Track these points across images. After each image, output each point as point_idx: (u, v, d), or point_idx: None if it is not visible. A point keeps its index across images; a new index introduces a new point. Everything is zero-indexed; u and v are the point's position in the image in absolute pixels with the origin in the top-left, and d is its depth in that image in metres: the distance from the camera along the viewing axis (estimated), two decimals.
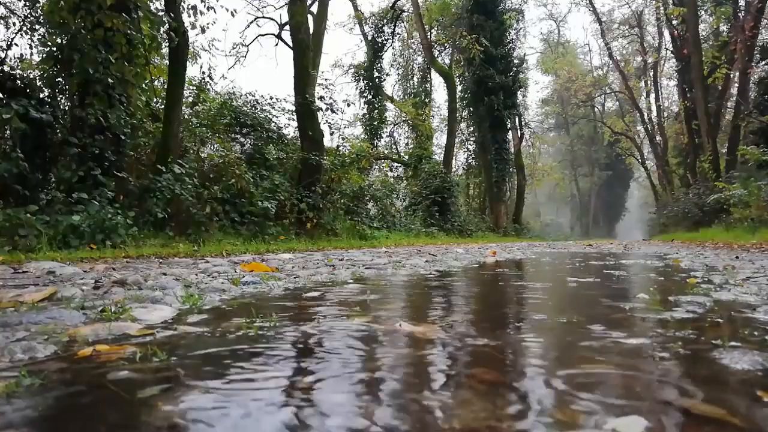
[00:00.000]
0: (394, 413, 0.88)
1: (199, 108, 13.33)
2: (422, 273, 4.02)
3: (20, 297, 2.09)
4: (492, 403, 0.92)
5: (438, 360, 1.26)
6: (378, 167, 25.25)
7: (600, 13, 36.97)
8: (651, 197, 41.42)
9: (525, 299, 2.54)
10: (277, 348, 1.36)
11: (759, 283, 2.92)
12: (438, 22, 28.42)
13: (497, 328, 1.71)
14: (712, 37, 26.47)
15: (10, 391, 0.96)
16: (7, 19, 9.19)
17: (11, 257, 4.90)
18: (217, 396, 0.94)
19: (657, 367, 1.18)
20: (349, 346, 1.38)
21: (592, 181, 55.24)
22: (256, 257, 6.24)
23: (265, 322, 1.69)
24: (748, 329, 1.60)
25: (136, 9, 8.30)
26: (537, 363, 1.22)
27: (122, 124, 8.08)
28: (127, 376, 1.07)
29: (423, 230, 18.96)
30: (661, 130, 35.11)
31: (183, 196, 8.68)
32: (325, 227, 12.44)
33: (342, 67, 31.04)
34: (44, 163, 7.77)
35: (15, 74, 7.95)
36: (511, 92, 27.68)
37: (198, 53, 14.93)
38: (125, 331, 1.52)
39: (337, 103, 14.35)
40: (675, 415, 0.88)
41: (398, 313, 2.01)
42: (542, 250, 9.89)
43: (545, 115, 55.80)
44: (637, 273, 4.34)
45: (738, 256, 5.98)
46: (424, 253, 7.66)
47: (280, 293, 2.58)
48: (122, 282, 2.79)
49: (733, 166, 19.98)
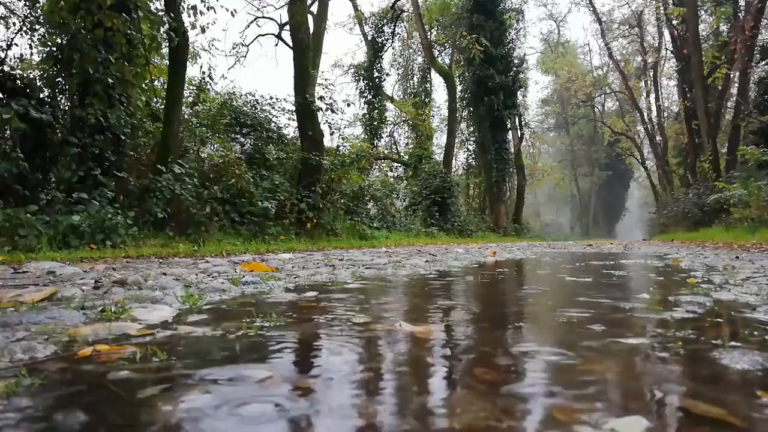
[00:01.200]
0: (394, 413, 0.88)
1: (199, 108, 13.33)
2: (422, 273, 4.02)
3: (20, 297, 2.09)
4: (492, 403, 0.92)
5: (438, 360, 1.26)
6: (378, 167, 25.26)
7: (600, 13, 37.02)
8: (651, 197, 41.43)
9: (525, 299, 2.54)
10: (276, 348, 1.36)
11: (759, 283, 2.92)
12: (438, 22, 28.42)
13: (497, 328, 1.71)
14: (712, 37, 26.48)
15: (10, 391, 0.96)
16: (7, 19, 9.20)
17: (11, 257, 4.90)
18: (217, 396, 0.94)
19: (657, 366, 1.18)
20: (349, 346, 1.38)
21: (592, 181, 55.23)
22: (256, 257, 6.24)
23: (265, 322, 1.69)
24: (748, 329, 1.60)
25: (136, 9, 8.30)
26: (537, 363, 1.22)
27: (122, 124, 8.08)
28: (127, 376, 1.07)
29: (423, 230, 18.96)
30: (661, 130, 35.12)
31: (183, 196, 8.68)
32: (325, 227, 12.45)
33: (342, 67, 31.10)
34: (44, 163, 7.77)
35: (15, 74, 7.95)
36: (511, 92, 27.69)
37: (198, 53, 14.95)
38: (125, 331, 1.52)
39: (337, 103, 14.36)
40: (675, 414, 0.88)
41: (398, 313, 2.01)
42: (542, 250, 9.89)
43: (545, 115, 55.79)
44: (637, 273, 4.34)
45: (738, 256, 5.98)
46: (424, 253, 7.66)
47: (280, 293, 2.58)
48: (122, 282, 2.79)
49: (733, 166, 19.98)
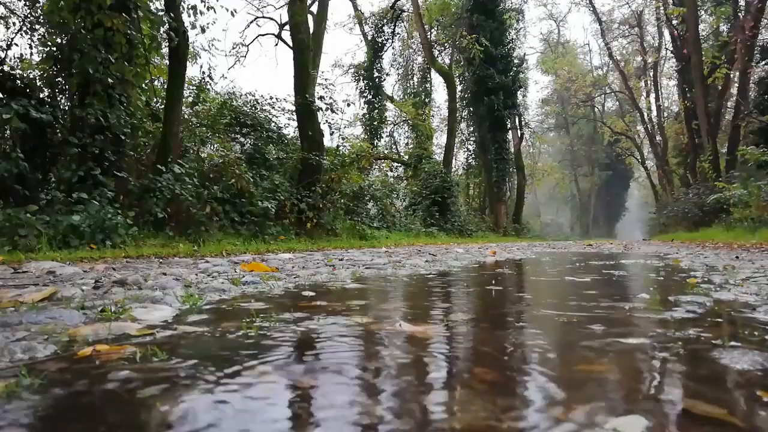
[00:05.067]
0: (394, 413, 0.88)
1: (199, 108, 13.33)
2: (422, 273, 4.02)
3: (20, 297, 2.08)
4: (492, 402, 0.92)
5: (438, 360, 1.26)
6: (378, 167, 25.26)
7: (600, 13, 37.06)
8: (651, 197, 41.43)
9: (525, 299, 2.54)
10: (276, 348, 1.35)
11: (759, 283, 2.92)
12: (438, 22, 28.42)
13: (497, 328, 1.71)
14: (712, 37, 26.48)
15: (10, 391, 0.96)
16: (7, 19, 9.19)
17: (11, 257, 4.90)
18: (217, 396, 0.95)
19: (657, 366, 1.18)
20: (349, 346, 1.38)
21: (592, 181, 55.23)
22: (256, 257, 6.24)
23: (265, 322, 1.69)
24: (748, 329, 1.60)
25: (136, 9, 8.30)
26: (537, 363, 1.22)
27: (122, 124, 8.08)
28: (127, 376, 1.07)
29: (423, 230, 18.95)
30: (661, 130, 35.13)
31: (183, 196, 8.68)
32: (325, 227, 12.44)
33: (342, 67, 31.12)
34: (44, 163, 7.77)
35: (15, 74, 7.95)
36: (511, 92, 27.70)
37: (198, 53, 14.96)
38: (125, 331, 1.52)
39: (337, 103, 14.35)
40: (675, 414, 0.88)
41: (398, 313, 2.01)
42: (542, 250, 9.89)
43: (545, 115, 55.78)
44: (637, 273, 4.34)
45: (738, 256, 5.98)
46: (424, 253, 7.66)
47: (280, 293, 2.58)
48: (122, 282, 2.79)
49: (733, 166, 19.99)
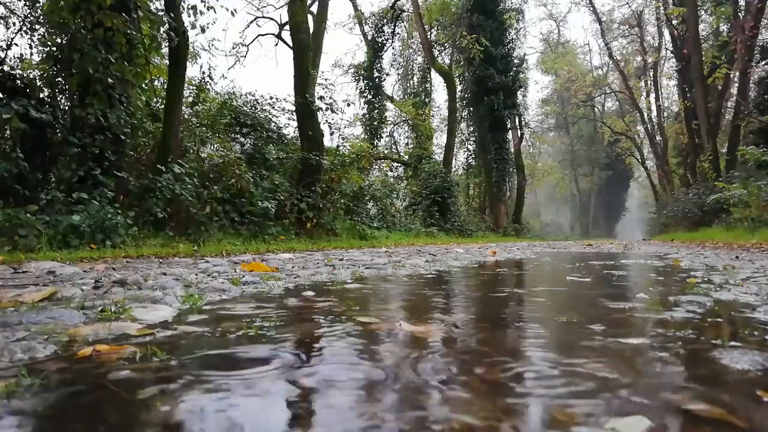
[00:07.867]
0: (394, 413, 0.88)
1: (199, 108, 13.32)
2: (422, 273, 4.02)
3: (20, 297, 2.08)
4: (492, 402, 0.92)
5: (438, 360, 1.26)
6: (378, 167, 25.26)
7: (600, 13, 37.07)
8: (651, 197, 41.45)
9: (525, 299, 2.54)
10: (276, 348, 1.35)
11: (759, 282, 2.92)
12: (438, 22, 28.42)
13: (497, 328, 1.71)
14: (712, 37, 26.49)
15: (10, 391, 0.96)
16: (7, 19, 9.18)
17: (11, 257, 4.90)
18: (217, 396, 0.94)
19: (657, 366, 1.18)
20: (349, 347, 1.38)
21: (592, 181, 55.24)
22: (256, 257, 6.24)
23: (265, 322, 1.69)
24: (748, 329, 1.60)
25: (136, 9, 8.30)
26: (537, 363, 1.22)
27: (122, 124, 8.07)
28: (127, 376, 1.07)
29: (423, 230, 18.95)
30: (661, 130, 35.13)
31: (183, 196, 8.68)
32: (325, 227, 12.44)
33: (342, 67, 31.13)
34: (44, 163, 7.77)
35: (15, 74, 7.94)
36: (511, 92, 27.69)
37: (198, 53, 14.96)
38: (125, 331, 1.52)
39: (337, 103, 14.35)
40: (675, 414, 0.88)
41: (398, 313, 2.01)
42: (542, 250, 9.89)
43: (545, 115, 55.79)
44: (637, 273, 4.34)
45: (738, 256, 5.98)
46: (424, 253, 7.66)
47: (280, 293, 2.58)
48: (122, 282, 2.79)
49: (733, 166, 19.98)
